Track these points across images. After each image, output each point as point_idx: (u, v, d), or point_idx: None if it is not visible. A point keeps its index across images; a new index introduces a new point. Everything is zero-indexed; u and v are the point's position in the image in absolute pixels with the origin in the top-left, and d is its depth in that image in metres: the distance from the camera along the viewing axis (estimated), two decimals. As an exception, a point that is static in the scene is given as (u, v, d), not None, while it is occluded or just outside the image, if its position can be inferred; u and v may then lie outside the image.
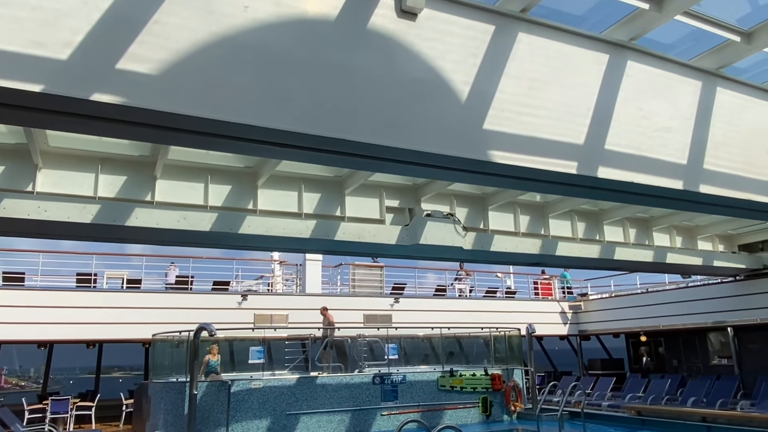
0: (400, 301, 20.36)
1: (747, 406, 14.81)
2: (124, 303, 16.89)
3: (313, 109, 5.27)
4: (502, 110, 6.14)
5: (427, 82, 5.81)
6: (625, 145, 6.91)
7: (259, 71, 5.04)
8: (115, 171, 8.60)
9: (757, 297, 17.60)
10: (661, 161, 7.20)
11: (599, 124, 6.74)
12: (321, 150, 5.63)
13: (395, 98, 5.68)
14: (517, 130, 6.22)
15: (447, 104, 5.93)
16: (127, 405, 16.93)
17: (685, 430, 13.05)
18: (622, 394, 18.25)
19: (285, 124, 5.11)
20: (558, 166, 6.44)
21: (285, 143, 5.37)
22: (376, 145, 5.58)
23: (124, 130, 5.15)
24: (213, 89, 4.88)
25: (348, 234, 10.06)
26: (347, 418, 13.91)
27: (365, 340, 16.15)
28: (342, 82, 5.40)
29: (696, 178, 7.45)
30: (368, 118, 5.53)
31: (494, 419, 15.37)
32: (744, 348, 18.81)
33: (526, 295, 24.36)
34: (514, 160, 6.20)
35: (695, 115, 7.51)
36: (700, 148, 7.52)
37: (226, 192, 9.36)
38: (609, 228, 13.62)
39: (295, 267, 20.79)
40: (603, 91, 6.79)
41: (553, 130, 6.44)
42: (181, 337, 14.23)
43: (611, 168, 6.79)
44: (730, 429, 12.47)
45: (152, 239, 9.55)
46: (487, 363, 17.22)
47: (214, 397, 12.60)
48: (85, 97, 4.36)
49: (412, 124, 5.74)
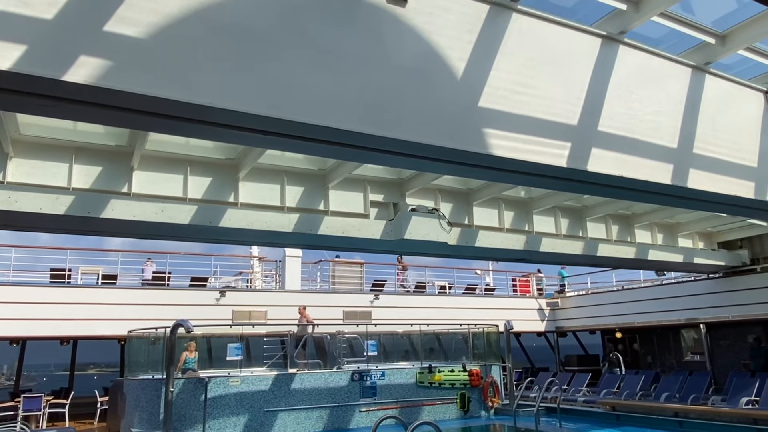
0: (380, 298, 20.27)
1: (718, 402, 15.03)
2: (99, 299, 16.48)
3: (296, 94, 5.06)
4: (494, 99, 6.01)
5: (420, 62, 5.62)
6: (614, 141, 6.83)
7: (238, 53, 4.83)
8: (90, 161, 8.29)
9: (729, 294, 17.88)
10: (650, 156, 7.14)
11: (590, 116, 6.64)
12: (304, 138, 5.41)
13: (384, 82, 5.47)
14: (508, 122, 6.08)
15: (439, 90, 5.74)
16: (102, 402, 16.56)
17: (658, 425, 13.22)
18: (598, 390, 18.39)
19: (266, 110, 4.89)
20: (549, 159, 6.33)
21: (267, 130, 5.16)
22: (361, 134, 5.38)
23: (97, 113, 4.87)
24: (190, 71, 4.65)
25: (332, 228, 9.86)
26: (326, 415, 13.80)
27: (344, 336, 16.03)
28: (327, 65, 5.18)
29: (684, 173, 7.41)
30: (354, 104, 5.32)
31: (472, 415, 15.39)
32: (716, 344, 19.12)
33: (505, 292, 24.43)
34: (506, 151, 6.06)
35: (683, 111, 7.48)
36: (688, 144, 7.48)
37: (206, 184, 9.10)
38: (592, 224, 13.67)
39: (274, 263, 20.59)
40: (593, 82, 6.69)
41: (544, 124, 6.32)
42: (157, 334, 13.97)
43: (601, 161, 6.70)
44: (701, 424, 12.68)
45: (129, 232, 9.23)
46: (466, 359, 17.22)
47: (191, 395, 12.38)
48: (57, 77, 4.12)
49: (402, 112, 5.54)
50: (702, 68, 7.71)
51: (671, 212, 14.08)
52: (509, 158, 6.13)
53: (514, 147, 6.12)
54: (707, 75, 7.77)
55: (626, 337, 22.81)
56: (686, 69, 7.61)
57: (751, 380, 15.14)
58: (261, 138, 5.45)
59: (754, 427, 11.81)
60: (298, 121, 5.03)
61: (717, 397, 15.40)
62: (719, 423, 12.50)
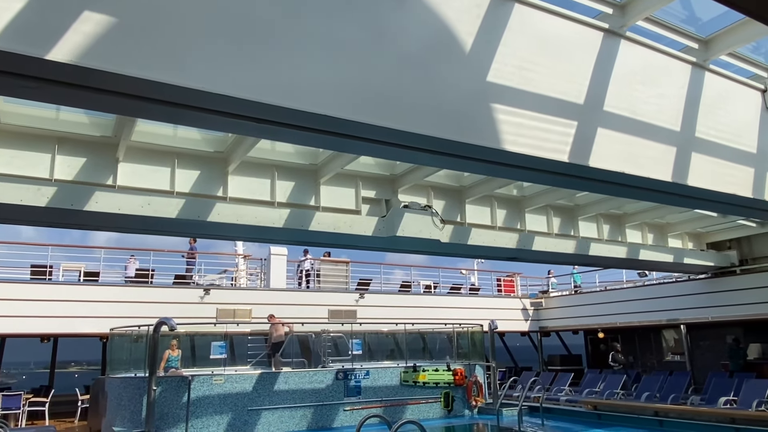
0: (365, 297, 20.10)
1: (697, 402, 15.13)
2: (81, 296, 16.09)
3: (292, 81, 4.82)
4: (495, 92, 5.83)
5: (421, 51, 5.41)
6: (616, 137, 6.71)
7: (233, 36, 4.58)
8: (73, 152, 7.95)
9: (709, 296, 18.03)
10: (651, 153, 7.04)
11: (591, 111, 6.52)
12: (299, 127, 5.17)
13: (383, 71, 5.24)
14: (509, 115, 5.90)
15: (440, 80, 5.54)
16: (83, 401, 16.19)
17: (639, 424, 13.26)
18: (580, 389, 18.44)
19: (261, 96, 4.64)
20: (550, 153, 6.18)
21: (261, 118, 4.91)
22: (359, 123, 5.14)
23: (81, 97, 4.56)
24: (184, 54, 4.40)
25: (323, 224, 9.63)
26: (309, 414, 13.64)
27: (329, 335, 15.88)
28: (324, 52, 4.95)
29: (684, 171, 7.32)
30: (352, 92, 5.09)
31: (456, 414, 15.32)
32: (696, 345, 19.29)
33: (490, 292, 24.40)
34: (507, 145, 5.89)
35: (683, 109, 7.39)
36: (688, 142, 7.40)
37: (194, 177, 8.80)
38: (583, 224, 13.61)
39: (259, 261, 20.37)
40: (595, 76, 6.56)
41: (546, 119, 6.17)
42: (140, 332, 13.70)
43: (602, 157, 6.57)
44: (681, 423, 12.74)
45: (114, 226, 8.92)
46: (450, 359, 17.16)
47: (174, 393, 12.14)
48: (39, 56, 3.84)
49: (402, 102, 5.32)
50: (702, 65, 7.62)
51: (662, 212, 14.08)
52: (511, 152, 5.95)
53: (515, 141, 5.94)
54: (707, 72, 7.68)
55: (608, 337, 22.93)
56: (686, 66, 7.51)
57: (729, 380, 15.27)
58: (255, 126, 5.19)
59: (732, 426, 11.88)
60: (293, 108, 4.79)
61: (696, 397, 15.50)
62: (698, 422, 12.57)
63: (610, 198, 12.38)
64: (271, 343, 15.00)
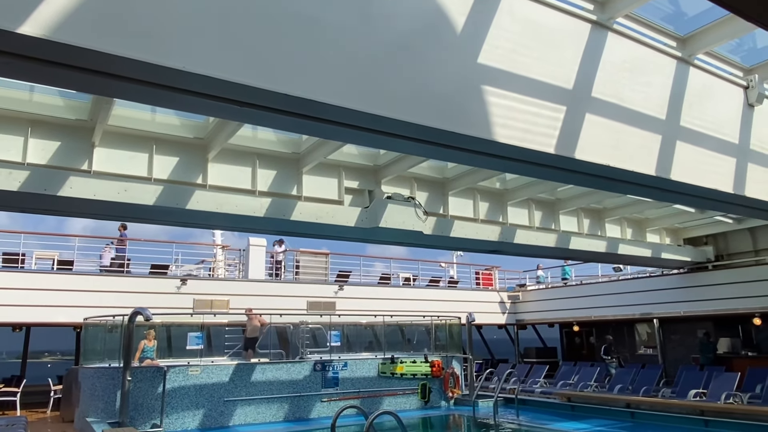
0: (345, 289, 20.00)
1: (668, 394, 15.42)
2: (55, 285, 15.74)
3: (275, 63, 4.64)
4: (483, 80, 5.72)
5: (408, 37, 5.26)
6: (602, 130, 6.68)
7: (216, 14, 4.40)
8: (47, 135, 7.68)
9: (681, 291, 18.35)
10: (635, 146, 7.03)
11: (578, 103, 6.46)
12: (282, 111, 4.99)
13: (370, 55, 5.09)
14: (497, 105, 5.80)
15: (428, 67, 5.40)
16: (56, 391, 15.84)
17: (611, 416, 13.46)
18: (555, 381, 18.66)
19: (244, 77, 4.46)
20: (537, 144, 6.12)
21: (243, 101, 4.74)
22: (344, 109, 4.97)
23: (54, 74, 4.31)
24: (162, 31, 4.19)
25: (305, 214, 9.48)
26: (287, 405, 13.59)
27: (308, 327, 15.80)
28: (309, 34, 4.78)
29: (668, 165, 7.31)
30: (337, 76, 4.92)
31: (432, 405, 15.40)
32: (668, 339, 19.65)
33: (468, 285, 24.47)
34: (494, 135, 5.78)
35: (668, 103, 7.38)
36: (672, 136, 7.39)
37: (173, 164, 8.58)
38: (564, 218, 13.65)
39: (238, 252, 20.16)
40: (582, 68, 6.50)
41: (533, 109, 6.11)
42: (115, 322, 13.46)
43: (588, 150, 6.52)
44: (652, 415, 12.98)
45: (89, 212, 8.62)
46: (428, 350, 17.22)
47: (149, 384, 11.96)
48: (9, 29, 3.61)
49: (388, 88, 5.17)
50: (687, 60, 7.61)
51: (640, 207, 14.22)
52: (498, 142, 5.86)
53: (502, 131, 5.84)
54: (691, 67, 7.68)
55: (583, 330, 23.24)
56: (672, 60, 7.49)
57: (699, 374, 15.56)
58: (236, 110, 4.99)
59: (700, 418, 12.14)
60: (276, 91, 4.62)
61: (667, 390, 15.77)
62: (669, 414, 12.80)
63: (590, 192, 12.44)
64: (245, 337, 14.81)
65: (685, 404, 13.30)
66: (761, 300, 16.21)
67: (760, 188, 8.52)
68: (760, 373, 14.66)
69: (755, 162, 8.42)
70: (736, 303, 16.84)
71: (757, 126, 8.42)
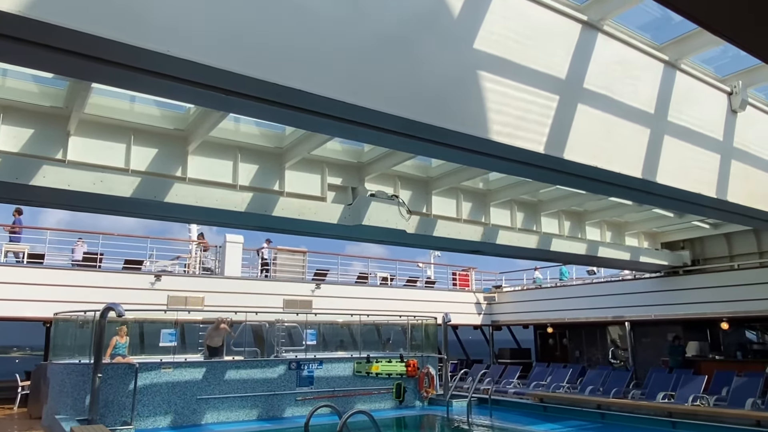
0: (322, 287, 19.87)
1: (637, 396, 15.66)
2: (24, 279, 15.35)
3: (263, 51, 4.46)
4: (475, 77, 5.62)
5: (401, 29, 5.15)
6: (590, 131, 6.67)
7: None
8: (20, 122, 7.36)
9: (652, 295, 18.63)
10: (622, 148, 7.03)
11: (567, 103, 6.43)
12: (268, 101, 4.81)
13: (362, 47, 4.94)
14: (488, 102, 5.73)
15: (420, 61, 5.29)
16: (24, 387, 15.45)
17: (582, 416, 13.62)
18: (528, 382, 18.83)
19: (230, 64, 4.27)
20: (527, 143, 6.07)
21: (228, 89, 4.55)
22: (333, 101, 4.81)
23: (29, 54, 4.07)
24: (144, 11, 3.97)
25: (287, 210, 9.27)
26: (260, 403, 13.43)
27: (283, 325, 15.68)
28: (300, 23, 4.61)
29: (653, 168, 7.31)
30: (328, 67, 4.76)
31: (407, 404, 15.35)
32: (639, 342, 19.98)
33: (445, 285, 24.50)
34: (485, 132, 5.70)
35: (654, 106, 7.39)
36: (658, 139, 7.40)
37: (151, 155, 8.30)
38: (546, 219, 13.68)
39: (214, 249, 19.92)
40: (572, 68, 6.46)
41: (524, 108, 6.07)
42: (86, 317, 13.18)
43: (576, 150, 6.49)
44: (621, 416, 13.17)
45: (62, 203, 8.33)
46: (404, 350, 17.23)
47: (120, 381, 11.70)
48: None
49: (380, 81, 5.04)
50: (673, 64, 7.63)
51: (620, 211, 14.32)
52: (488, 140, 5.77)
53: (492, 128, 5.76)
54: (677, 71, 7.71)
55: (557, 332, 23.50)
56: (659, 63, 7.51)
57: (668, 376, 15.85)
58: (221, 98, 4.78)
59: (668, 419, 12.35)
60: (263, 79, 4.45)
61: (637, 391, 16.02)
62: (638, 415, 13.01)
63: (572, 195, 12.49)
64: (207, 345, 14.34)
65: (654, 406, 13.49)
66: (729, 305, 16.58)
67: (742, 194, 8.60)
68: (726, 376, 14.97)
69: (737, 168, 8.51)
70: (705, 307, 17.18)
71: (739, 132, 8.51)
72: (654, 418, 12.63)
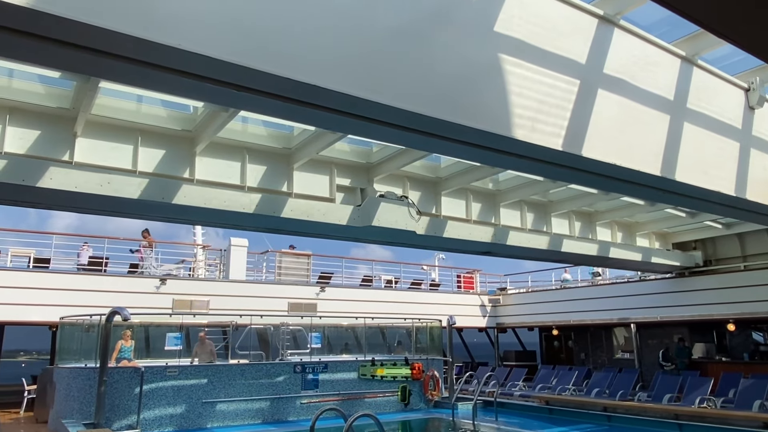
0: (326, 290, 19.81)
1: (644, 398, 15.56)
2: (31, 283, 15.36)
3: (276, 45, 4.34)
4: (491, 72, 5.53)
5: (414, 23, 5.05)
6: (608, 127, 6.54)
7: None
8: (26, 124, 7.28)
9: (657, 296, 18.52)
10: (641, 146, 6.91)
11: (585, 99, 6.32)
12: (282, 97, 4.70)
13: (374, 41, 4.80)
14: (504, 97, 5.60)
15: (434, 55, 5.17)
16: (30, 391, 15.39)
17: (588, 419, 13.54)
18: (533, 385, 18.73)
19: (242, 59, 4.16)
20: (545, 140, 5.92)
21: (241, 85, 4.45)
22: (348, 96, 4.68)
23: (37, 49, 3.94)
24: (156, 4, 3.87)
25: (296, 211, 9.12)
26: (266, 407, 13.37)
27: (288, 328, 15.64)
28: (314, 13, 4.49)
29: (672, 166, 7.19)
30: (345, 63, 4.63)
31: (412, 407, 15.26)
32: (644, 344, 19.85)
33: (450, 288, 24.36)
34: (502, 128, 5.57)
35: (672, 103, 7.27)
36: (676, 136, 7.28)
37: (159, 157, 8.20)
38: (556, 220, 13.52)
39: (218, 252, 19.92)
40: (589, 64, 6.33)
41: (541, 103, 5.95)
42: (92, 321, 13.16)
43: (595, 147, 6.36)
44: (628, 418, 13.08)
45: (69, 205, 8.24)
46: (409, 353, 17.17)
47: (126, 385, 11.65)
48: None
49: (394, 75, 4.92)
50: (690, 60, 7.51)
51: (631, 211, 14.13)
52: (505, 137, 5.63)
53: (509, 124, 5.63)
54: (695, 67, 7.58)
55: (562, 334, 23.38)
56: (676, 59, 7.39)
57: (674, 378, 15.75)
58: (233, 94, 4.65)
59: (675, 422, 12.26)
60: (277, 74, 4.33)
61: (643, 394, 15.91)
62: (644, 418, 12.91)
63: (582, 195, 12.34)
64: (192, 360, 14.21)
65: (661, 408, 13.39)
66: (736, 306, 16.45)
67: (761, 191, 8.47)
68: (733, 378, 14.86)
69: (756, 165, 8.38)
70: (712, 309, 17.05)
71: (757, 129, 8.38)
72: (661, 420, 12.51)
